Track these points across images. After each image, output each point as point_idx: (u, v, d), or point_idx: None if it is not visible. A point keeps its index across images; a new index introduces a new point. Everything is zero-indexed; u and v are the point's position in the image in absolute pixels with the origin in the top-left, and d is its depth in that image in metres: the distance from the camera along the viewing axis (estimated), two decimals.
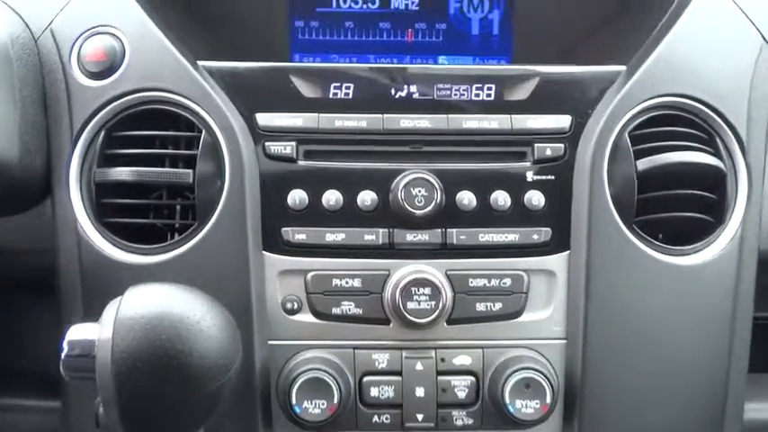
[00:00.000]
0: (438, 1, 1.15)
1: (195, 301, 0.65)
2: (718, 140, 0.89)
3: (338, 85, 0.90)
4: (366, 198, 0.85)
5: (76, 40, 0.88)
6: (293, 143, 0.86)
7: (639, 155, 0.87)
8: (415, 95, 0.90)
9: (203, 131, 0.85)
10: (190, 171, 0.84)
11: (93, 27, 0.88)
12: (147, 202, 0.85)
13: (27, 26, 0.89)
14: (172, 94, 0.85)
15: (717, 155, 0.89)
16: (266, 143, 0.86)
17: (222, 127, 0.85)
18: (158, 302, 0.64)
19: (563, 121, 0.88)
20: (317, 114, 0.87)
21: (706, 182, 0.88)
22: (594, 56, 1.01)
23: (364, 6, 1.14)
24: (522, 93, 0.90)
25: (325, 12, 1.14)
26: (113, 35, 0.87)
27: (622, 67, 0.91)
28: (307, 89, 0.89)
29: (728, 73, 0.90)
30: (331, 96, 0.89)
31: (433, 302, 0.81)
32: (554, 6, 1.13)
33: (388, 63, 1.15)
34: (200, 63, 0.88)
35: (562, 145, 0.87)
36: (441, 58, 1.17)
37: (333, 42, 1.15)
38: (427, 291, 0.81)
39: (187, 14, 1.01)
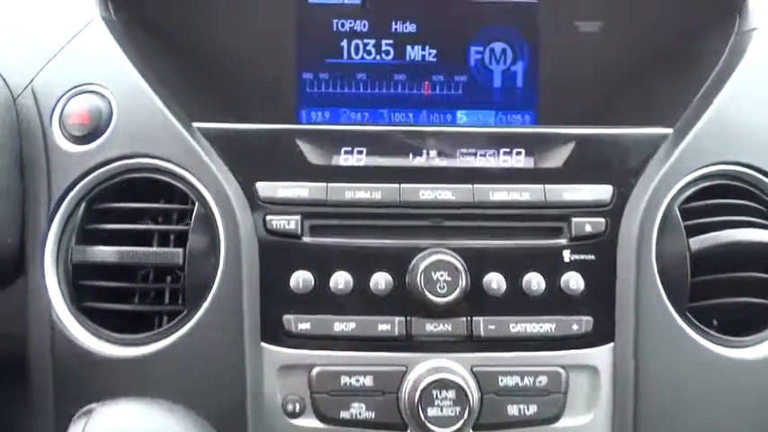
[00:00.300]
0: (457, 52, 1.06)
1: (172, 422, 0.55)
2: None
3: (349, 149, 0.80)
4: (380, 281, 0.74)
5: (59, 99, 0.79)
6: (298, 217, 0.76)
7: (692, 231, 0.76)
8: (436, 161, 0.80)
9: (196, 204, 0.75)
10: (180, 250, 0.73)
11: (78, 85, 0.79)
12: (130, 286, 0.74)
13: (6, 83, 0.80)
14: (162, 161, 0.76)
15: None
16: (267, 217, 0.76)
17: (218, 198, 0.75)
18: (129, 426, 0.53)
19: (603, 193, 0.78)
20: (324, 184, 0.77)
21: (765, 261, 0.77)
22: (633, 116, 0.91)
23: (377, 57, 1.06)
24: (555, 159, 0.80)
25: (336, 63, 1.05)
26: (100, 94, 0.78)
27: (668, 131, 0.81)
28: (314, 155, 0.79)
29: None
30: (341, 163, 0.79)
31: (458, 408, 0.69)
32: (585, 59, 1.04)
33: (402, 117, 1.07)
34: (195, 125, 0.79)
35: (603, 220, 0.77)
36: (459, 113, 1.08)
37: (343, 96, 1.06)
38: (451, 394, 0.69)
39: (183, 69, 0.92)
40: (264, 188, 0.77)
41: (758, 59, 0.84)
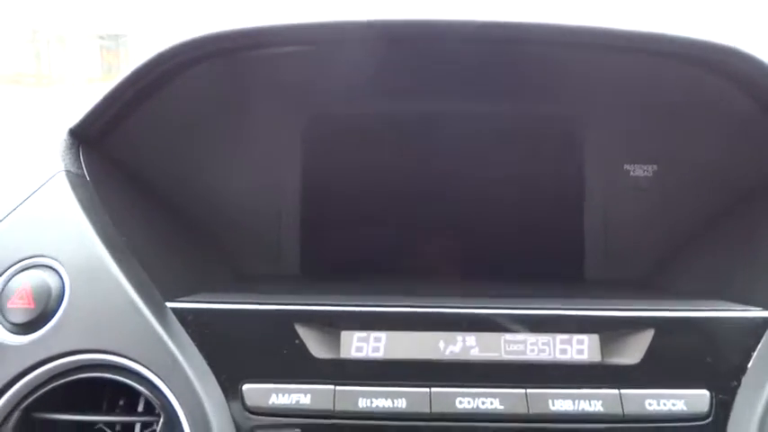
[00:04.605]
0: None
1: None
2: None
3: (363, 336, 0.62)
4: None
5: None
6: None
7: None
8: (475, 352, 0.62)
9: (162, 416, 0.57)
10: None
11: (25, 258, 0.63)
12: None
13: None
14: (121, 358, 0.58)
15: None
16: None
17: (190, 410, 0.57)
18: None
19: (699, 401, 0.59)
20: (332, 387, 0.59)
21: None
22: (702, 284, 0.75)
23: None
24: (631, 352, 0.62)
25: None
26: (51, 269, 0.62)
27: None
28: (318, 345, 0.62)
29: None
30: (353, 356, 0.61)
31: None
32: (639, 208, 0.88)
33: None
34: (169, 305, 0.62)
35: None
36: None
37: None
38: None
39: (169, 228, 0.78)
40: (253, 393, 0.59)
41: None
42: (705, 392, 0.60)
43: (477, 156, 0.90)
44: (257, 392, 0.59)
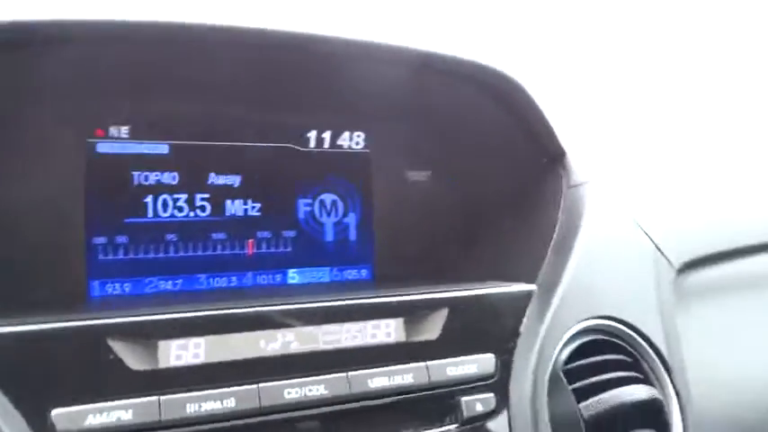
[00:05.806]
0: (284, 205, 0.95)
1: None
2: (644, 365, 0.78)
3: (182, 343, 0.61)
4: None
5: None
6: None
7: (579, 395, 0.71)
8: (295, 345, 0.65)
9: None
10: None
11: None
12: None
13: None
14: None
15: (647, 380, 0.77)
16: None
17: None
18: None
19: (487, 363, 0.70)
20: (156, 398, 0.57)
21: (645, 415, 0.74)
22: (476, 268, 0.88)
23: (191, 214, 0.89)
24: (431, 329, 0.70)
25: (138, 223, 0.86)
26: None
27: (532, 287, 0.77)
28: (135, 358, 0.58)
29: (635, 288, 0.82)
30: (173, 363, 0.60)
31: None
32: (419, 209, 0.99)
33: (224, 282, 0.91)
34: None
35: (492, 395, 0.68)
36: (291, 272, 0.95)
37: (148, 262, 0.87)
38: None
39: None
40: (65, 418, 0.54)
41: (595, 216, 0.85)
42: (491, 356, 0.70)
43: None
44: (70, 416, 0.54)
